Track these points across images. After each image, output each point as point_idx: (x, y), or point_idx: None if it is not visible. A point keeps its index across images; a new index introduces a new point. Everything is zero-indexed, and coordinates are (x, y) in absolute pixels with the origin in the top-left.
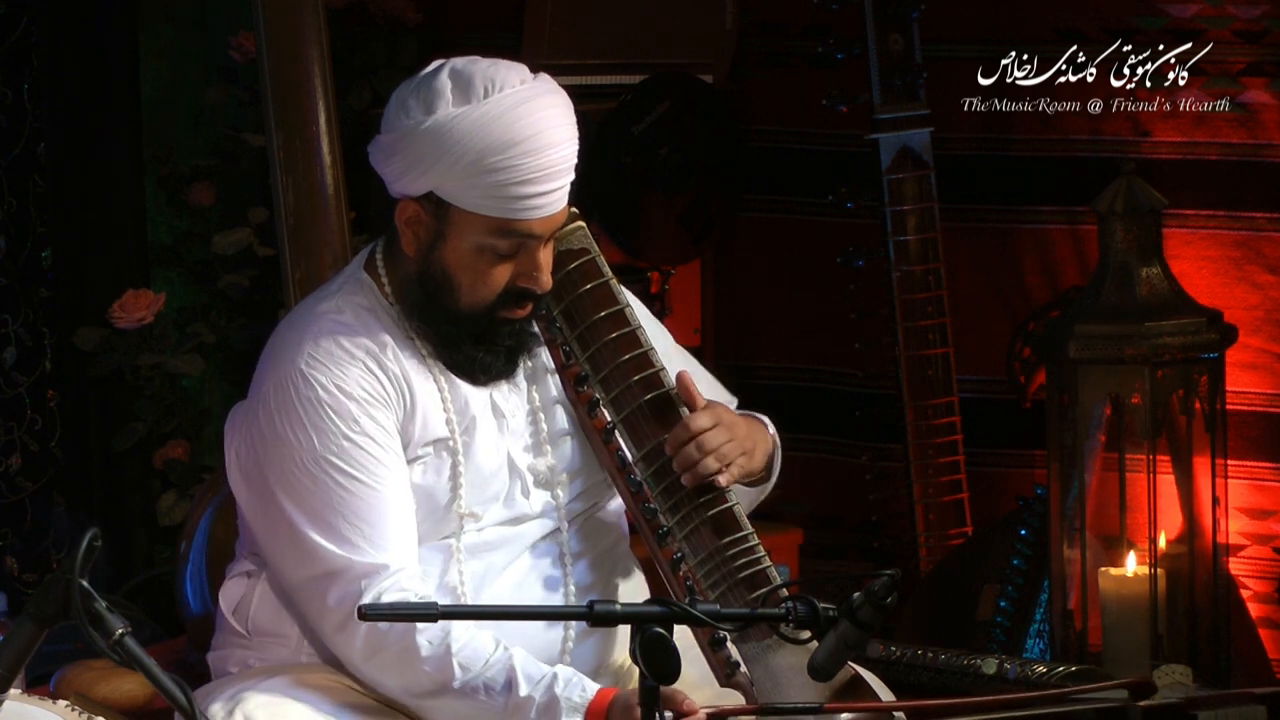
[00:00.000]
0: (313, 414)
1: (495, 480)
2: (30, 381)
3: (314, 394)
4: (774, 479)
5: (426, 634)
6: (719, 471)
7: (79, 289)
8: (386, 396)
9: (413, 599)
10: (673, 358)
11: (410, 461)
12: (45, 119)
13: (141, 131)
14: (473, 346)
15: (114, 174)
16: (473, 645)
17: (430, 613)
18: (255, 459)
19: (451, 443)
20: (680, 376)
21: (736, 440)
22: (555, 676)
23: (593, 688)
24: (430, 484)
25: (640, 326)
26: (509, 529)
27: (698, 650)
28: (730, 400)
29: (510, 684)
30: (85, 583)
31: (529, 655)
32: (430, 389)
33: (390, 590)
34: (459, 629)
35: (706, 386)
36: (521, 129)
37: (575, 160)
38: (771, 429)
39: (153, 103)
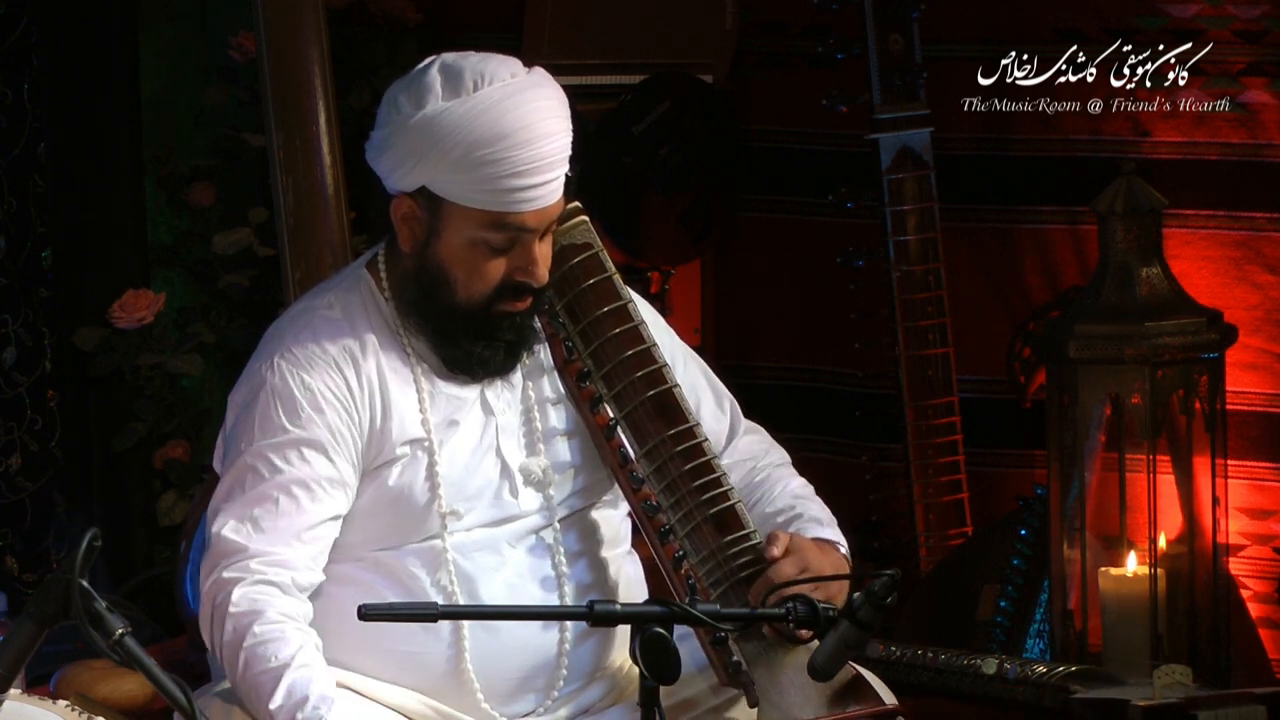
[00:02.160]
0: (265, 401)
1: (476, 478)
2: (30, 381)
3: (275, 382)
4: None
5: (233, 621)
6: None
7: (79, 289)
8: (349, 401)
9: (254, 582)
10: (678, 356)
11: (388, 463)
12: (45, 119)
13: (141, 131)
14: (471, 342)
15: (114, 174)
16: (269, 645)
17: (430, 612)
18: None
19: (427, 443)
20: (772, 536)
21: (822, 589)
22: (305, 701)
23: None
24: (408, 483)
25: (643, 322)
26: (498, 529)
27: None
28: (728, 415)
29: (272, 691)
30: (85, 583)
31: (316, 675)
32: (408, 390)
33: (231, 568)
34: (261, 626)
35: (710, 396)
36: (510, 121)
37: (568, 152)
38: (844, 548)
39: (153, 103)
